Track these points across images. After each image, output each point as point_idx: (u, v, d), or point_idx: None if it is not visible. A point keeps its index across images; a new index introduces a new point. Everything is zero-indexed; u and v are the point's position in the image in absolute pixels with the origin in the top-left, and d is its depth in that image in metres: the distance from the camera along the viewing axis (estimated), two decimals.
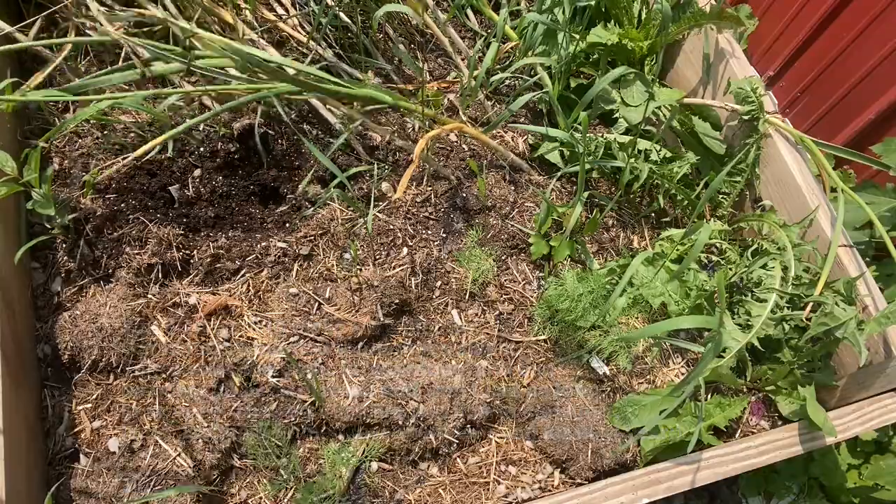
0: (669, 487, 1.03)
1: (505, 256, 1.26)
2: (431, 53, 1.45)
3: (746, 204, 1.38)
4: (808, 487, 1.46)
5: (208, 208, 1.17)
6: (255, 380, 1.07)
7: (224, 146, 1.18)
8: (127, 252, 1.10)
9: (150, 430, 1.01)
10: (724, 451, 1.07)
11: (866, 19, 1.22)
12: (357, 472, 1.06)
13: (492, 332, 1.19)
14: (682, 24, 1.32)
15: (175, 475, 0.99)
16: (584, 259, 1.27)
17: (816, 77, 1.35)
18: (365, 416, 1.07)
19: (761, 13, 1.46)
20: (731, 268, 1.23)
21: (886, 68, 1.20)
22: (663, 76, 1.51)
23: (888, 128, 1.25)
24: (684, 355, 1.25)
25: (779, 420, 1.21)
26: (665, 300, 1.19)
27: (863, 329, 1.02)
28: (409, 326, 1.17)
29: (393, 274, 1.17)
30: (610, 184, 1.38)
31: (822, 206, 1.19)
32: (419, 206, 1.26)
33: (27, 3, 1.21)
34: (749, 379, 1.21)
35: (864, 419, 1.13)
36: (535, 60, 1.29)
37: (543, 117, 1.41)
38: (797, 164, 1.23)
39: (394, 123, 1.32)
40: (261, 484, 1.03)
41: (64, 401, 1.02)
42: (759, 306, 1.13)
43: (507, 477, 1.11)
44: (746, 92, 1.24)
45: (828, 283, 1.11)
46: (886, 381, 1.12)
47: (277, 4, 1.32)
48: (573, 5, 1.30)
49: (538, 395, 1.15)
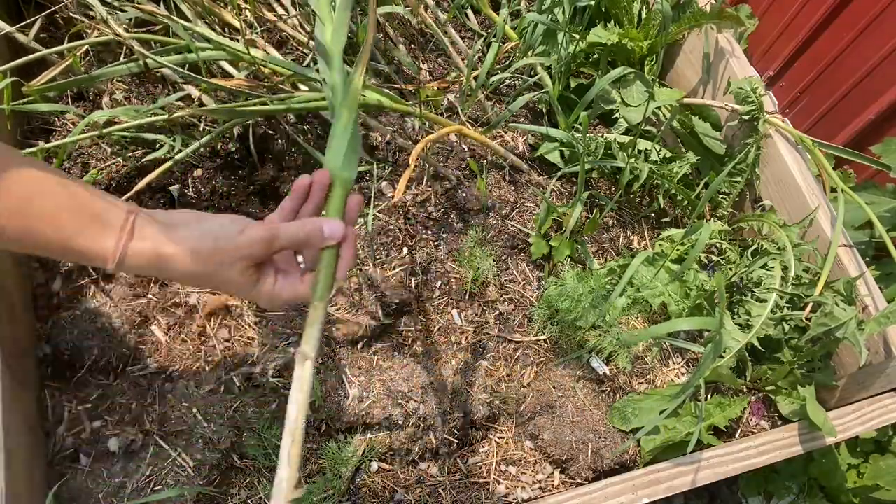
0: (669, 487, 1.03)
1: (505, 256, 1.26)
2: (431, 53, 1.45)
3: (746, 204, 1.38)
4: (808, 487, 1.46)
5: (208, 208, 1.17)
6: (255, 380, 1.07)
7: (224, 146, 1.18)
8: None
9: (150, 430, 1.01)
10: (724, 451, 1.07)
11: (866, 19, 1.22)
12: (357, 472, 1.06)
13: (492, 332, 1.19)
14: (682, 24, 1.33)
15: (175, 475, 0.99)
16: (584, 259, 1.27)
17: (816, 77, 1.35)
18: (365, 416, 1.07)
19: (761, 13, 1.46)
20: (731, 268, 1.23)
21: (886, 68, 1.20)
22: (663, 76, 1.51)
23: (888, 128, 1.25)
24: (684, 355, 1.25)
25: (779, 420, 1.21)
26: (665, 300, 1.19)
27: (863, 329, 1.02)
28: (409, 326, 1.17)
29: (393, 274, 1.17)
30: (610, 184, 1.38)
31: (822, 206, 1.19)
32: (419, 206, 1.25)
33: (27, 4, 1.21)
34: (749, 379, 1.21)
35: (864, 419, 1.13)
36: (535, 60, 1.29)
37: (543, 117, 1.41)
38: (797, 164, 1.23)
39: (394, 123, 1.32)
40: (261, 484, 1.03)
41: (64, 401, 1.02)
42: (759, 306, 1.13)
43: (507, 477, 1.11)
44: (746, 92, 1.24)
45: (828, 283, 1.11)
46: (886, 381, 1.12)
47: (277, 4, 1.32)
48: (573, 5, 1.30)
49: (538, 395, 1.15)
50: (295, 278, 0.64)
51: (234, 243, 0.58)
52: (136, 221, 0.56)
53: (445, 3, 1.50)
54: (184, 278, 0.59)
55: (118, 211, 0.56)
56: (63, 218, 0.54)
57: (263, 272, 0.62)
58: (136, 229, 0.56)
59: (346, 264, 0.63)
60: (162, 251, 0.56)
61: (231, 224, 0.59)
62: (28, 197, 0.53)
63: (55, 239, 0.54)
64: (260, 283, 0.61)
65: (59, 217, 0.54)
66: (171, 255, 0.57)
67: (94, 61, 1.25)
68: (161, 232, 0.57)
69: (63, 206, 0.54)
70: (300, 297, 0.63)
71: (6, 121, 1.10)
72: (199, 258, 0.57)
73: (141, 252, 0.56)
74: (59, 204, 0.54)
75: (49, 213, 0.54)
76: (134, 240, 0.56)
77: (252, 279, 0.60)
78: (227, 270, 0.58)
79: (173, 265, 0.57)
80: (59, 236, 0.54)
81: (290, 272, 0.65)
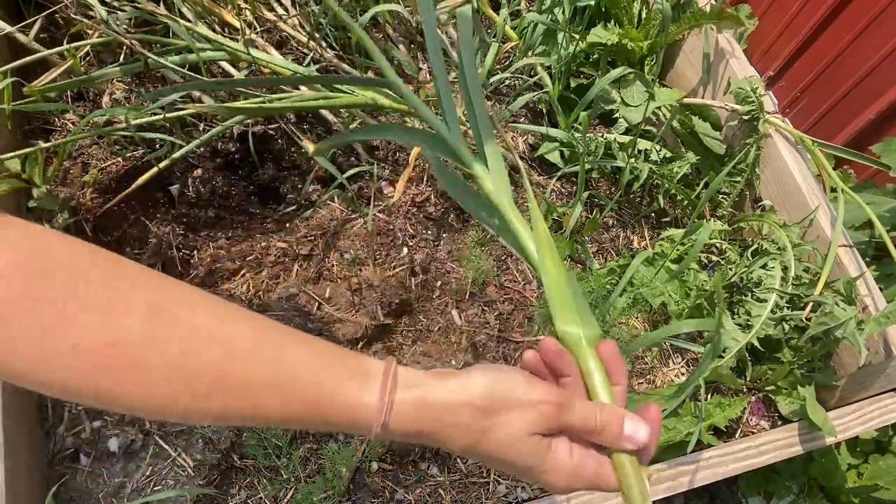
0: (669, 487, 1.03)
1: (505, 256, 1.26)
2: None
3: (746, 204, 1.38)
4: (808, 487, 1.46)
5: (208, 208, 1.17)
6: None
7: (224, 146, 1.18)
8: (127, 252, 1.10)
9: (150, 430, 1.01)
10: (724, 451, 1.07)
11: (866, 19, 1.21)
12: (357, 472, 1.06)
13: (492, 332, 1.19)
14: (682, 24, 1.32)
15: (175, 475, 0.99)
16: (584, 259, 1.27)
17: (816, 77, 1.35)
18: None
19: (761, 13, 1.46)
20: (731, 268, 1.23)
21: (886, 68, 1.20)
22: (663, 76, 1.51)
23: (888, 128, 1.24)
24: (684, 355, 1.25)
25: (779, 420, 1.21)
26: (665, 300, 1.19)
27: (863, 329, 1.02)
28: (409, 326, 1.17)
29: (393, 274, 1.17)
30: (610, 184, 1.38)
31: (822, 206, 1.19)
32: (419, 206, 1.25)
33: (27, 4, 1.21)
34: (749, 379, 1.21)
35: (864, 419, 1.13)
36: (535, 60, 1.29)
37: (543, 117, 1.41)
38: (797, 164, 1.23)
39: (394, 123, 1.32)
40: (261, 484, 1.03)
41: (64, 401, 1.02)
42: (759, 306, 1.13)
43: (507, 477, 1.11)
44: (746, 92, 1.24)
45: (828, 283, 1.11)
46: (886, 381, 1.12)
47: (277, 4, 1.32)
48: (573, 5, 1.30)
49: None
50: (597, 455, 0.47)
51: (526, 395, 0.44)
52: (399, 370, 0.45)
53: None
54: (461, 441, 0.44)
55: (374, 361, 0.45)
56: (316, 370, 0.42)
57: (554, 437, 0.46)
58: (400, 377, 0.44)
59: (649, 451, 0.47)
60: (432, 398, 0.43)
61: (520, 374, 0.46)
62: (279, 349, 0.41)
63: (312, 399, 0.41)
64: (553, 450, 0.45)
65: (312, 369, 0.42)
66: (445, 404, 0.43)
67: (94, 61, 1.25)
68: (433, 378, 0.45)
69: (310, 358, 0.42)
70: (601, 485, 0.46)
71: (6, 121, 1.10)
72: (479, 409, 0.43)
73: (409, 402, 0.43)
74: (307, 355, 0.43)
75: (302, 363, 0.42)
76: (399, 389, 0.43)
77: (542, 444, 0.44)
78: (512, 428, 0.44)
79: (448, 417, 0.43)
80: (316, 396, 0.41)
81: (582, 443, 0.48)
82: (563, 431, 0.46)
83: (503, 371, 0.46)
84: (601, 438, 0.46)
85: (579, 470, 0.45)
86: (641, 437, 0.45)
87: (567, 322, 0.50)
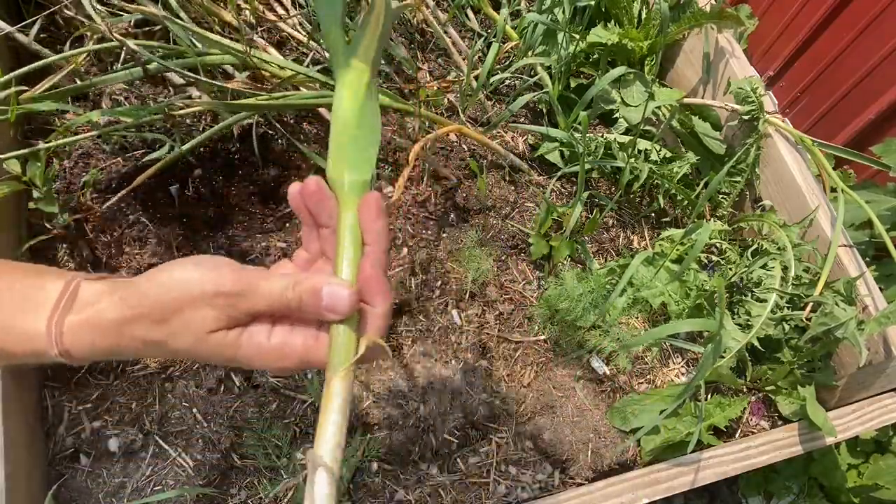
0: (669, 487, 1.03)
1: (505, 256, 1.26)
2: (431, 53, 1.45)
3: (746, 204, 1.38)
4: (808, 487, 1.46)
5: (208, 208, 1.17)
6: (255, 380, 1.07)
7: (224, 146, 1.18)
8: (127, 252, 1.10)
9: (150, 430, 1.01)
10: (724, 451, 1.07)
11: (866, 19, 1.22)
12: (357, 472, 1.06)
13: (492, 332, 1.19)
14: (682, 23, 1.33)
15: (175, 475, 0.99)
16: (584, 259, 1.27)
17: (816, 77, 1.35)
18: (365, 416, 1.07)
19: (761, 13, 1.46)
20: (731, 268, 1.23)
21: (886, 68, 1.20)
22: (663, 76, 1.51)
23: (888, 128, 1.25)
24: (684, 355, 1.25)
25: (779, 420, 1.21)
26: (665, 300, 1.19)
27: (863, 329, 1.02)
28: (409, 326, 1.17)
29: (393, 274, 1.17)
30: (610, 184, 1.38)
31: (822, 205, 1.19)
32: (419, 206, 1.25)
33: (27, 4, 1.21)
34: (749, 379, 1.21)
35: (864, 419, 1.13)
36: (535, 60, 1.29)
37: (543, 117, 1.41)
38: (797, 164, 1.23)
39: (394, 123, 1.32)
40: (261, 484, 1.03)
41: (64, 401, 1.02)
42: (759, 306, 1.13)
43: (507, 477, 1.11)
44: (746, 92, 1.24)
45: (828, 283, 1.11)
46: (886, 381, 1.12)
47: (277, 4, 1.32)
48: (573, 5, 1.30)
49: (538, 395, 1.15)
50: (307, 331, 0.44)
51: (200, 289, 0.41)
52: (82, 288, 0.42)
53: (445, 2, 1.50)
54: (151, 353, 0.43)
55: (57, 281, 0.42)
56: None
57: (248, 325, 0.44)
58: (81, 297, 0.42)
59: (379, 317, 0.43)
60: (106, 317, 0.41)
61: (195, 269, 0.42)
62: None
63: None
64: (245, 340, 0.43)
65: None
66: (120, 320, 0.41)
67: (95, 61, 1.25)
68: (111, 292, 0.42)
69: None
70: (312, 361, 0.44)
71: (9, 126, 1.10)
72: (152, 320, 0.41)
73: (82, 324, 0.41)
74: None
75: None
76: (73, 311, 0.41)
77: (227, 338, 0.42)
78: (186, 331, 0.41)
79: (127, 332, 0.41)
80: None
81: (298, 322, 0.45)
82: (256, 318, 0.43)
83: (182, 266, 0.42)
84: (304, 314, 0.43)
85: (285, 351, 0.43)
86: (342, 305, 0.41)
87: (336, 164, 0.44)
